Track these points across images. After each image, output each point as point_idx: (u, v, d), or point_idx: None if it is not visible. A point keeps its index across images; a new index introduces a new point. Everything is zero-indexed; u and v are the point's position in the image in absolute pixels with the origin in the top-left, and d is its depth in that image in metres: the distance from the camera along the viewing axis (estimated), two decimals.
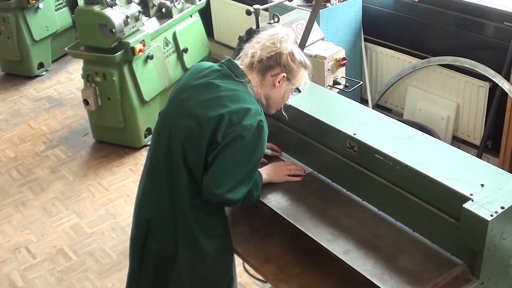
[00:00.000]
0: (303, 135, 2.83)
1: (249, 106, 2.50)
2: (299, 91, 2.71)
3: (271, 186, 2.77)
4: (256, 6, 4.10)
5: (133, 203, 4.66)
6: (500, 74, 4.47)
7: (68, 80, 6.96)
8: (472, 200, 2.11)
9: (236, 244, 2.74)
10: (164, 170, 2.65)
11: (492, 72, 4.52)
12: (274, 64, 2.60)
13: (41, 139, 5.83)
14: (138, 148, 5.52)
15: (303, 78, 2.68)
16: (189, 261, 2.70)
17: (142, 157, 5.39)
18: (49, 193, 5.01)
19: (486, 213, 2.04)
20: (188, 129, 2.53)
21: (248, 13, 4.11)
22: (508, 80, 4.40)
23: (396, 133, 2.56)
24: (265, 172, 2.81)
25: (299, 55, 2.65)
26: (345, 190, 2.71)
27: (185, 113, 2.57)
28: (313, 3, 5.09)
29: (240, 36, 4.25)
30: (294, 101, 2.83)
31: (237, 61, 2.67)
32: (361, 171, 2.55)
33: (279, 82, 2.62)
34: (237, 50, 4.24)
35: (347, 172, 2.64)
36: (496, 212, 2.05)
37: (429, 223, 2.32)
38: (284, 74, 2.61)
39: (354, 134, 2.55)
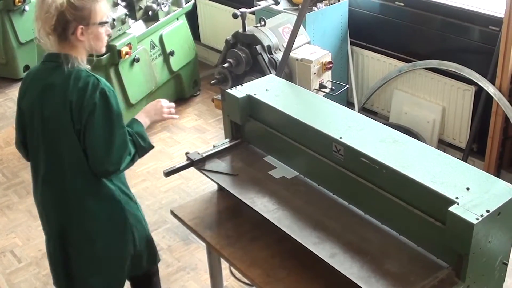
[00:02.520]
0: (289, 138, 2.83)
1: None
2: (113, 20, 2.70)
3: (257, 190, 2.78)
4: (242, 10, 4.11)
5: None
6: (486, 78, 4.49)
7: None
8: (458, 204, 2.12)
9: (222, 247, 2.74)
10: None
11: (477, 75, 4.55)
12: (64, 24, 2.58)
13: None
14: None
15: (100, 11, 2.62)
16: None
17: None
18: None
19: (471, 217, 2.05)
20: None
21: (235, 16, 4.12)
22: (494, 84, 4.43)
23: (382, 137, 2.57)
24: (145, 115, 2.91)
25: None
26: (331, 194, 2.71)
27: None
28: (300, 7, 5.10)
29: (227, 39, 4.26)
30: (280, 104, 2.84)
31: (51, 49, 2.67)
32: (347, 174, 2.56)
33: (81, 34, 2.61)
34: (224, 54, 4.26)
35: (333, 175, 2.64)
36: (482, 215, 2.06)
37: (415, 227, 2.33)
38: (79, 27, 2.59)
39: (340, 137, 2.55)
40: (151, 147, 2.85)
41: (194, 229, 2.87)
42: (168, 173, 2.91)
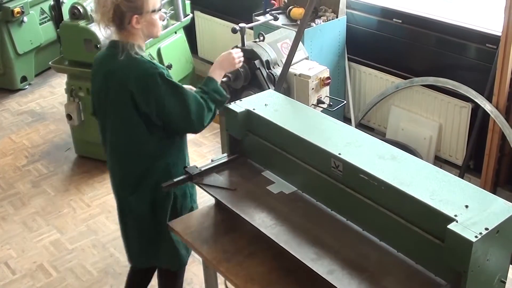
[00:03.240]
0: (288, 153, 2.83)
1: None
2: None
3: (255, 205, 2.77)
4: (241, 25, 4.12)
5: (115, 219, 4.67)
6: (482, 95, 4.51)
7: (51, 94, 6.93)
8: (457, 221, 2.11)
9: (219, 262, 2.72)
10: None
11: (474, 93, 4.57)
12: (121, 15, 2.86)
13: (23, 153, 5.80)
14: None
15: (151, 0, 2.89)
16: None
17: None
18: (30, 208, 4.98)
19: (470, 234, 2.05)
20: None
21: (234, 31, 4.12)
22: (490, 101, 4.45)
23: (381, 153, 2.57)
24: (219, 68, 3.20)
25: None
26: (329, 210, 2.71)
27: None
28: (298, 22, 5.12)
29: None
30: (279, 120, 2.84)
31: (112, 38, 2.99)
32: (345, 190, 2.55)
33: (137, 23, 2.89)
34: None
35: (331, 191, 2.64)
36: (481, 233, 2.06)
37: (414, 244, 2.33)
38: (134, 17, 2.87)
39: (339, 153, 2.55)
40: (227, 98, 3.13)
41: (191, 243, 2.86)
42: (166, 187, 2.91)
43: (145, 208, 3.16)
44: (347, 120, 5.45)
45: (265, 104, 3.02)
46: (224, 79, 4.13)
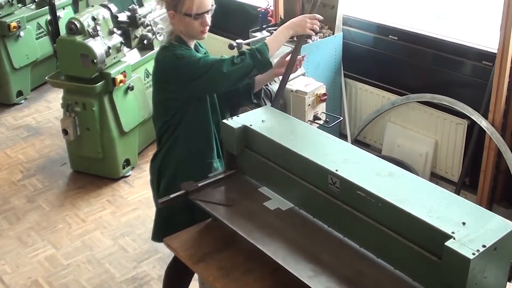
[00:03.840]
0: (285, 170, 2.82)
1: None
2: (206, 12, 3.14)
3: (252, 221, 2.76)
4: (239, 41, 4.14)
5: (110, 234, 4.66)
6: (478, 112, 4.52)
7: (47, 109, 6.93)
8: (454, 238, 2.11)
9: (215, 279, 2.71)
10: None
11: (470, 109, 4.58)
12: (166, 6, 3.15)
13: (18, 168, 5.78)
14: (116, 179, 5.48)
15: (187, 3, 3.05)
16: None
17: (120, 188, 5.36)
18: (25, 223, 4.96)
19: (468, 252, 2.04)
20: None
21: (231, 47, 4.14)
22: (486, 118, 4.46)
23: (378, 170, 2.57)
24: (289, 26, 3.22)
25: None
26: (326, 226, 2.70)
27: None
28: (295, 39, 5.13)
29: None
30: (276, 136, 2.84)
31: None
32: (342, 207, 2.55)
33: (172, 18, 3.13)
34: None
35: (328, 208, 2.63)
36: (478, 250, 2.05)
37: (411, 261, 2.32)
38: (171, 12, 3.10)
39: (336, 170, 2.55)
40: (268, 62, 3.14)
41: (187, 260, 2.85)
42: (163, 203, 2.90)
43: None
44: (343, 136, 5.46)
45: (262, 120, 3.01)
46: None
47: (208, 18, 3.17)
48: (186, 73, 3.09)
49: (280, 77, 3.45)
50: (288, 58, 3.39)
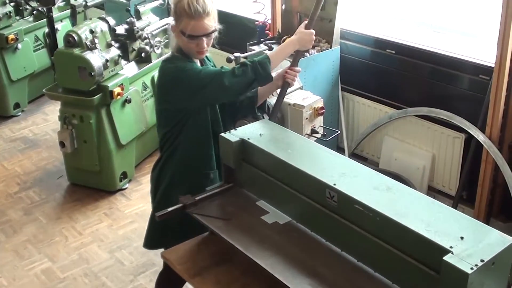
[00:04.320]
0: (283, 183, 2.82)
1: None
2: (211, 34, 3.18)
3: (249, 235, 2.76)
4: (236, 54, 4.14)
5: (107, 247, 4.65)
6: (476, 126, 4.53)
7: (44, 121, 6.92)
8: (452, 253, 2.11)
9: None
10: None
11: (467, 123, 4.59)
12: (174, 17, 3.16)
13: (15, 180, 5.77)
14: (113, 192, 5.47)
15: (186, 24, 3.06)
16: None
17: (117, 201, 5.35)
18: (22, 235, 4.94)
19: (466, 266, 2.04)
20: None
21: (229, 60, 4.14)
22: (484, 132, 4.46)
23: (376, 184, 2.57)
24: (297, 41, 3.25)
25: (184, 3, 3.06)
26: (324, 240, 2.70)
27: None
28: (293, 53, 5.14)
29: None
30: (274, 149, 2.84)
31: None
32: (340, 221, 2.55)
33: (173, 30, 3.17)
34: None
35: (326, 222, 2.63)
36: (476, 265, 2.05)
37: (409, 275, 2.31)
38: (174, 24, 3.14)
39: (334, 184, 2.55)
40: (269, 75, 3.16)
41: (184, 273, 2.84)
42: (160, 216, 2.89)
43: None
44: (340, 150, 5.46)
45: (260, 133, 3.02)
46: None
47: (208, 40, 3.17)
48: (187, 84, 3.08)
49: (277, 90, 3.46)
50: None
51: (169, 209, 2.92)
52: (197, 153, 3.30)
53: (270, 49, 5.01)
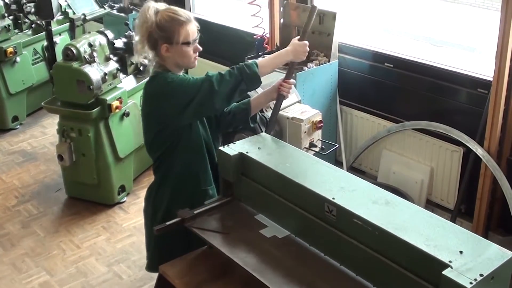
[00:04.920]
0: (281, 197, 2.82)
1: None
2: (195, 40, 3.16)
3: (248, 249, 2.75)
4: None
5: (105, 261, 4.64)
6: (474, 140, 4.53)
7: (42, 134, 6.92)
8: (451, 267, 2.11)
9: None
10: None
11: (465, 137, 4.59)
12: (154, 42, 3.12)
13: (13, 193, 5.76)
14: (111, 205, 5.46)
15: (183, 33, 3.09)
16: None
17: (115, 214, 5.34)
18: (19, 249, 4.92)
19: (465, 281, 2.04)
20: None
21: None
22: (482, 146, 4.47)
23: (375, 198, 2.57)
24: (292, 52, 3.19)
25: (165, 17, 3.07)
26: (322, 254, 2.69)
27: None
28: (288, 65, 5.15)
29: None
30: (273, 163, 2.84)
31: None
32: (339, 235, 2.54)
33: (166, 51, 3.11)
34: None
35: (325, 236, 2.63)
36: (475, 279, 2.05)
37: None
38: (164, 45, 3.09)
39: (333, 198, 2.55)
40: (256, 76, 3.10)
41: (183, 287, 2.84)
42: (158, 230, 2.89)
43: None
44: (338, 163, 5.45)
45: (258, 147, 3.02)
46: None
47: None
48: (178, 96, 3.08)
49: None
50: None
51: (168, 223, 2.91)
52: (193, 171, 3.29)
53: None
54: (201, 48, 3.21)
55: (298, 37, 3.27)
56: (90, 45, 5.16)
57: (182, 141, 3.19)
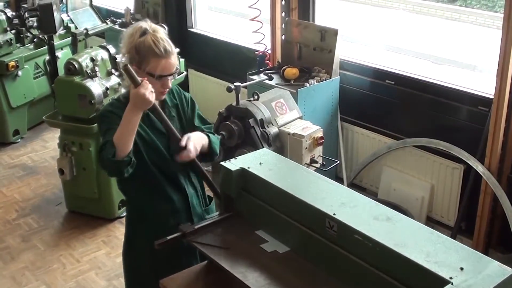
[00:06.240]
0: (282, 213, 2.82)
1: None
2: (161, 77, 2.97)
3: (248, 264, 2.75)
4: (237, 84, 4.16)
5: (105, 275, 4.63)
6: (474, 157, 4.54)
7: (43, 148, 6.93)
8: (452, 284, 2.10)
9: None
10: None
11: (466, 154, 4.60)
12: (130, 59, 2.99)
13: (14, 207, 5.76)
14: (111, 220, 5.46)
15: (153, 64, 2.93)
16: None
17: (115, 228, 5.33)
18: (19, 262, 4.92)
19: None
20: None
21: (229, 90, 4.17)
22: (482, 163, 4.47)
23: (376, 214, 2.57)
24: (132, 108, 2.85)
25: (145, 42, 2.94)
26: (323, 270, 2.69)
27: None
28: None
29: (220, 112, 4.30)
30: (274, 179, 2.84)
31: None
32: (340, 251, 2.54)
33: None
34: (216, 126, 4.28)
35: (325, 252, 2.63)
36: None
37: None
38: (134, 67, 2.91)
39: (334, 214, 2.55)
40: (110, 160, 2.87)
41: None
42: (159, 244, 2.89)
43: None
44: (339, 180, 5.46)
45: (260, 162, 3.02)
46: (219, 136, 4.15)
47: (170, 80, 3.04)
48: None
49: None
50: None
51: (169, 238, 2.91)
52: (154, 204, 3.21)
53: (270, 78, 5.05)
54: (170, 86, 3.04)
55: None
56: (92, 60, 5.18)
57: (132, 173, 2.99)
